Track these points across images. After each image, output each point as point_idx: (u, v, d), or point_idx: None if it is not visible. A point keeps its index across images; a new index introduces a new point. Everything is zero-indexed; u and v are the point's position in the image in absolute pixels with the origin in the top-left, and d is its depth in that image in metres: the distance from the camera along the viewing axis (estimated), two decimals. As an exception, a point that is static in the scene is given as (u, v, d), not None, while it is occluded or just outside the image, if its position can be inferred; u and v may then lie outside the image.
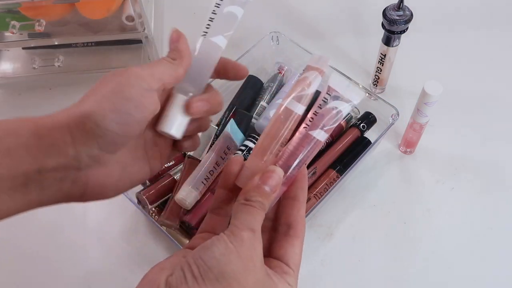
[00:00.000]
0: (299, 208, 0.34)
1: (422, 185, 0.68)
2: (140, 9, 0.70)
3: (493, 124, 0.73)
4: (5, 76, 0.80)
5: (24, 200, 0.30)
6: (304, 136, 0.34)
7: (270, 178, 0.32)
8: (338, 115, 0.34)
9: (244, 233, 0.29)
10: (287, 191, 0.34)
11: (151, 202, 0.61)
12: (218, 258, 0.28)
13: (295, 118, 0.34)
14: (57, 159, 0.30)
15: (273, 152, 0.34)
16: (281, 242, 0.33)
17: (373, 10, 0.78)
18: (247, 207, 0.31)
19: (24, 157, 0.29)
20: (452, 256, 0.62)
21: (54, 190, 0.31)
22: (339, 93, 0.34)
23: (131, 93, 0.31)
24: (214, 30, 0.38)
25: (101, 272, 0.62)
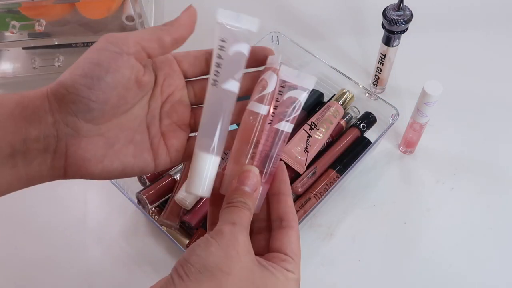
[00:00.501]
0: (285, 200, 0.34)
1: (422, 185, 0.68)
2: (140, 9, 0.70)
3: (493, 124, 0.73)
4: (5, 76, 0.80)
5: (12, 174, 0.30)
6: (270, 131, 0.35)
7: (246, 178, 0.33)
8: (297, 103, 0.35)
9: (224, 227, 0.30)
10: (271, 188, 0.35)
11: (151, 202, 0.61)
12: (198, 253, 0.29)
13: (262, 118, 0.35)
14: (38, 127, 0.30)
15: (249, 155, 0.35)
16: (276, 236, 0.34)
17: (373, 10, 0.78)
18: (229, 208, 0.32)
19: (10, 127, 0.30)
20: (452, 256, 0.62)
21: (38, 162, 0.31)
22: (292, 83, 0.35)
23: (100, 57, 0.30)
24: (224, 76, 0.35)
25: (101, 272, 0.62)
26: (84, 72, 0.30)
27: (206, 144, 0.34)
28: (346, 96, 0.68)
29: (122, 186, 0.61)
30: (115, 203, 0.67)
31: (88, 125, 0.31)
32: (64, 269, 0.63)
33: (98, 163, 0.32)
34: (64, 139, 0.31)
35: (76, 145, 0.31)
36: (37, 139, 0.30)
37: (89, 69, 0.30)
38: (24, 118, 0.30)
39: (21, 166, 0.30)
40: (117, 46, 0.31)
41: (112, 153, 0.33)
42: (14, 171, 0.30)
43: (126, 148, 0.34)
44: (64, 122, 0.31)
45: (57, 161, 0.31)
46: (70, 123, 0.31)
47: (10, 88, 0.81)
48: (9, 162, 0.30)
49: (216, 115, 0.35)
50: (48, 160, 0.31)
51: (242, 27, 0.36)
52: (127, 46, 0.31)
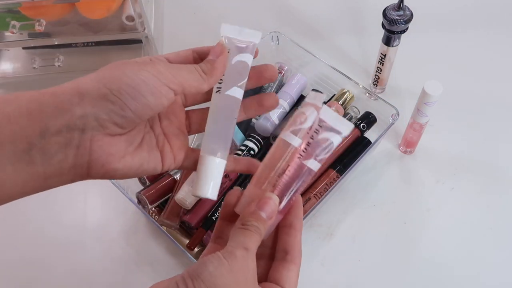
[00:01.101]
0: (295, 235, 0.35)
1: (422, 185, 0.68)
2: (140, 9, 0.70)
3: (493, 124, 0.73)
4: (5, 76, 0.80)
5: (29, 171, 0.30)
6: (298, 166, 0.36)
7: (266, 204, 0.34)
8: (330, 145, 0.36)
9: (238, 251, 0.31)
10: (284, 219, 0.36)
11: (151, 202, 0.61)
12: (211, 271, 0.30)
13: (292, 150, 0.36)
14: (61, 120, 0.30)
15: (271, 182, 0.36)
16: (278, 267, 0.35)
17: (373, 10, 0.78)
18: (242, 230, 0.33)
19: (26, 122, 0.29)
20: (452, 256, 0.62)
21: (59, 159, 0.30)
22: (329, 125, 0.36)
23: (149, 79, 0.32)
24: (228, 83, 0.37)
25: (101, 272, 0.62)
26: (133, 84, 0.31)
27: (212, 148, 0.36)
28: (346, 96, 0.68)
29: (122, 186, 0.61)
30: (115, 203, 0.67)
31: (114, 127, 0.32)
32: (64, 269, 0.63)
33: (120, 158, 0.33)
34: (89, 133, 0.31)
35: (101, 140, 0.31)
36: (58, 132, 0.30)
37: (137, 84, 0.31)
38: (43, 112, 0.30)
39: (39, 162, 0.30)
40: (165, 79, 0.33)
41: (132, 150, 0.34)
42: (30, 168, 0.29)
43: (141, 147, 0.35)
44: (94, 117, 0.31)
45: (80, 157, 0.31)
46: (101, 119, 0.31)
47: (10, 88, 0.81)
48: (25, 158, 0.29)
49: (221, 120, 0.37)
50: (70, 156, 0.31)
51: (245, 39, 0.38)
52: (174, 85, 0.33)
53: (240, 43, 0.38)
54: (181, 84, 0.34)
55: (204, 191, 0.36)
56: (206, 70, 0.35)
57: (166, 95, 0.33)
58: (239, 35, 0.38)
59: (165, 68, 0.33)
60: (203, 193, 0.36)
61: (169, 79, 0.33)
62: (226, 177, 0.62)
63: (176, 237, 0.61)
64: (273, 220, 0.34)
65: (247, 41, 0.38)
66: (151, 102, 0.32)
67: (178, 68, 0.34)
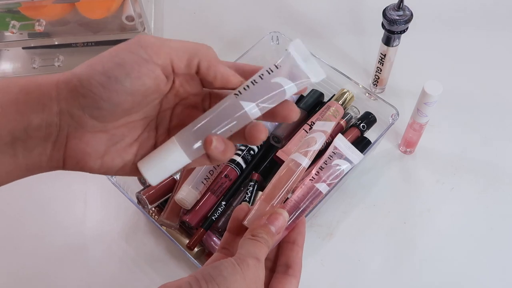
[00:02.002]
0: (297, 251, 0.37)
1: (422, 185, 0.68)
2: (140, 9, 0.70)
3: (493, 124, 0.73)
4: (5, 76, 0.80)
5: (12, 163, 0.30)
6: (309, 188, 0.39)
7: (276, 219, 0.36)
8: (340, 172, 0.39)
9: (250, 260, 0.32)
10: (288, 235, 0.38)
11: (151, 202, 0.61)
12: (225, 276, 0.31)
13: (301, 170, 0.38)
14: (41, 115, 0.29)
15: (280, 199, 0.38)
16: (279, 279, 0.36)
17: (373, 10, 0.78)
18: (253, 241, 0.34)
19: (13, 114, 0.29)
20: (452, 256, 0.62)
21: (39, 151, 0.30)
22: (342, 153, 0.40)
23: (125, 59, 0.29)
24: (250, 95, 0.32)
25: (101, 272, 0.62)
26: (104, 69, 0.29)
27: (189, 142, 0.32)
28: (346, 96, 0.68)
29: (122, 186, 0.61)
30: (115, 203, 0.67)
31: (93, 121, 0.30)
32: (65, 269, 0.63)
33: (97, 158, 0.31)
34: (65, 130, 0.30)
35: (78, 138, 0.30)
36: (38, 127, 0.29)
37: (110, 68, 0.29)
38: (28, 104, 0.29)
39: (20, 155, 0.30)
40: (146, 52, 0.29)
41: (114, 150, 0.32)
42: (14, 160, 0.30)
43: (129, 147, 0.32)
44: (69, 114, 0.29)
45: (56, 152, 0.30)
46: (75, 116, 0.29)
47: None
48: (9, 150, 0.29)
49: (218, 122, 0.32)
50: (48, 150, 0.30)
51: (304, 70, 0.33)
52: (157, 55, 0.30)
53: (296, 70, 0.33)
54: (168, 54, 0.30)
55: (150, 173, 0.32)
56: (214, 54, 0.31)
57: (148, 73, 0.29)
58: (302, 61, 0.33)
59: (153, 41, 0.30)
60: (145, 172, 0.32)
61: (154, 50, 0.29)
62: (226, 177, 0.62)
63: (176, 237, 0.61)
64: (280, 235, 0.36)
65: (304, 73, 0.33)
66: (127, 86, 0.29)
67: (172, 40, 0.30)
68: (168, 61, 0.30)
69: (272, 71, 0.33)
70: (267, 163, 0.64)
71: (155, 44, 0.30)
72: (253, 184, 0.62)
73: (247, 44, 0.71)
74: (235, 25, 0.85)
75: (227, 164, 0.62)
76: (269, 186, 0.39)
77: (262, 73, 0.33)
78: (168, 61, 0.30)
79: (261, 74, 0.33)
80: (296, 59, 0.33)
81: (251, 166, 0.64)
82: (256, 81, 0.32)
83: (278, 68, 0.33)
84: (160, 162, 0.32)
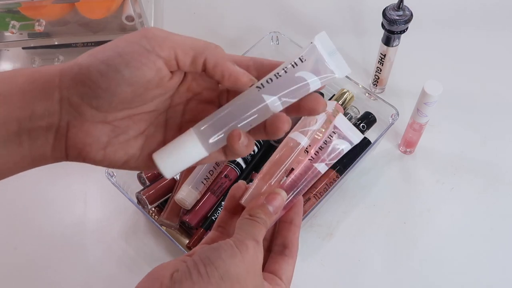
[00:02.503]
0: (294, 231, 0.37)
1: (422, 185, 0.68)
2: (140, 9, 0.70)
3: (493, 124, 0.73)
4: (5, 76, 0.80)
5: (19, 153, 0.30)
6: (308, 167, 0.38)
7: (274, 199, 0.35)
8: (340, 152, 0.39)
9: (249, 242, 0.32)
10: (285, 215, 0.37)
11: (151, 202, 0.61)
12: (224, 259, 0.30)
13: (300, 149, 0.37)
14: (45, 102, 0.29)
15: (278, 178, 0.37)
16: (276, 259, 0.36)
17: (373, 10, 0.78)
18: (251, 221, 0.33)
19: (18, 103, 0.29)
20: (452, 256, 0.62)
21: (42, 142, 0.30)
22: (343, 133, 0.38)
23: (126, 48, 0.28)
24: (273, 89, 0.31)
25: (100, 272, 0.62)
26: (104, 58, 0.28)
27: (207, 135, 0.31)
28: (346, 96, 0.68)
29: (122, 186, 0.61)
30: (115, 203, 0.67)
31: (92, 111, 0.29)
32: (64, 269, 0.63)
33: (99, 149, 0.30)
34: (66, 119, 0.29)
35: (78, 127, 0.29)
36: (42, 116, 0.29)
37: (110, 56, 0.28)
38: (33, 93, 0.29)
39: (26, 144, 0.30)
40: (149, 43, 0.29)
41: (117, 142, 0.31)
42: (20, 150, 0.30)
43: (134, 140, 0.32)
44: (68, 102, 0.29)
45: (58, 141, 0.30)
46: (74, 104, 0.29)
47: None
48: (16, 139, 0.29)
49: (239, 115, 0.31)
50: (51, 140, 0.30)
51: (329, 65, 0.32)
52: (160, 47, 0.29)
53: (322, 64, 0.32)
54: (172, 48, 0.29)
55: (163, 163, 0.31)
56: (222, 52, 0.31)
57: (149, 64, 0.28)
58: (327, 55, 0.32)
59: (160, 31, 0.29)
60: (160, 163, 0.31)
61: (158, 42, 0.29)
62: (226, 177, 0.62)
63: (176, 237, 0.61)
64: (278, 215, 0.36)
65: (329, 68, 0.32)
66: (126, 75, 0.28)
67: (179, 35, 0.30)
68: (172, 55, 0.29)
69: (297, 65, 0.32)
70: (267, 163, 0.64)
71: (160, 36, 0.29)
72: (253, 184, 0.62)
73: (247, 44, 0.71)
74: (235, 25, 0.85)
75: (227, 164, 0.62)
76: (266, 165, 0.38)
77: (286, 66, 0.32)
78: (172, 55, 0.29)
79: (285, 68, 0.32)
80: (322, 53, 0.32)
81: (251, 166, 0.64)
82: (279, 75, 0.31)
83: (302, 62, 0.32)
84: (176, 155, 0.31)
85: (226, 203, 0.38)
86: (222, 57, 0.31)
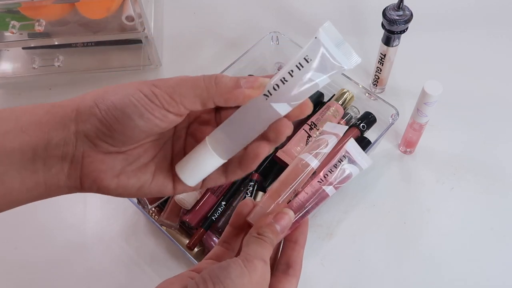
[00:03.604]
0: (298, 251, 0.37)
1: (422, 185, 0.68)
2: (140, 9, 0.70)
3: (493, 124, 0.73)
4: (5, 76, 0.80)
5: (32, 180, 0.31)
6: (317, 190, 0.39)
7: (282, 218, 0.36)
8: (348, 176, 0.39)
9: (257, 262, 0.32)
10: (290, 234, 0.38)
11: (151, 202, 0.61)
12: (233, 279, 0.31)
13: (310, 171, 0.38)
14: (61, 133, 0.31)
15: (286, 198, 0.37)
16: (279, 278, 0.36)
17: (373, 10, 0.78)
18: (259, 240, 0.34)
19: (36, 132, 0.30)
20: (452, 256, 0.62)
21: (57, 170, 0.31)
22: (353, 158, 0.39)
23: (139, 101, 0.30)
24: (281, 95, 0.31)
25: (100, 272, 0.62)
26: (119, 104, 0.30)
27: (221, 143, 0.32)
28: (346, 96, 0.68)
29: (122, 186, 0.61)
30: (115, 203, 0.67)
31: (107, 145, 0.31)
32: (64, 269, 0.63)
33: (113, 177, 0.32)
34: (81, 149, 0.31)
35: (93, 156, 0.31)
36: (57, 145, 0.31)
37: (125, 104, 0.30)
38: (50, 124, 0.31)
39: (40, 171, 0.31)
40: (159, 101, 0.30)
41: (130, 170, 0.33)
42: (34, 177, 0.31)
43: (146, 166, 0.33)
44: (84, 134, 0.31)
45: (73, 170, 0.31)
46: (90, 137, 0.31)
47: (10, 88, 0.81)
48: (30, 166, 0.30)
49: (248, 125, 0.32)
50: (65, 168, 0.31)
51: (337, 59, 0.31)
52: (169, 105, 0.30)
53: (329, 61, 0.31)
54: (182, 103, 0.31)
55: (188, 178, 0.33)
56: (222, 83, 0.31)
57: (162, 118, 0.31)
58: (334, 49, 0.31)
59: (163, 84, 0.31)
60: (186, 179, 0.33)
61: (166, 100, 0.30)
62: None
63: (176, 237, 0.61)
64: (285, 234, 0.36)
65: (337, 65, 0.31)
66: (141, 125, 0.30)
67: (178, 83, 0.31)
68: (182, 108, 0.31)
69: (302, 66, 0.30)
70: (267, 163, 0.64)
71: (167, 93, 0.30)
72: (253, 184, 0.62)
73: (247, 44, 0.71)
74: (235, 25, 0.85)
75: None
76: (275, 184, 0.38)
77: (292, 69, 0.31)
78: (182, 108, 0.31)
79: (291, 71, 0.31)
80: (328, 47, 0.31)
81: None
82: (286, 80, 0.31)
83: (308, 62, 0.30)
84: (193, 164, 0.33)
85: (233, 219, 0.38)
86: (228, 90, 0.31)
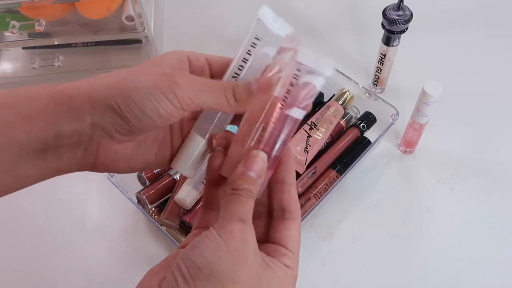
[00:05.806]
0: (289, 191, 0.33)
1: (422, 185, 0.68)
2: (140, 9, 0.70)
3: (493, 124, 0.73)
4: (5, 76, 0.80)
5: (42, 166, 0.31)
6: (281, 117, 0.32)
7: (253, 163, 0.31)
8: (312, 89, 0.32)
9: (234, 225, 0.29)
10: (275, 174, 0.33)
11: (151, 202, 0.61)
12: (207, 257, 0.27)
13: (273, 100, 0.32)
14: (76, 124, 0.30)
15: (255, 138, 0.32)
16: (277, 227, 0.33)
17: (373, 10, 0.78)
18: (234, 197, 0.30)
19: (42, 122, 0.30)
20: (452, 256, 0.62)
21: (68, 157, 0.31)
22: (309, 67, 0.32)
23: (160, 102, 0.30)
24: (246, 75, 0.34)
25: (100, 272, 0.62)
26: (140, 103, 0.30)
27: (203, 128, 0.35)
28: (346, 96, 0.68)
29: (122, 186, 0.61)
30: (115, 203, 0.67)
31: (120, 135, 0.32)
32: (64, 269, 0.63)
33: (125, 162, 0.34)
34: (97, 139, 0.31)
35: (108, 147, 0.32)
36: (71, 136, 0.30)
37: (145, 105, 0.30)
38: (58, 115, 0.30)
39: (51, 159, 0.31)
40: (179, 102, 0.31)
41: (139, 153, 0.34)
42: (44, 164, 0.31)
43: (151, 148, 0.35)
44: (101, 127, 0.31)
45: (86, 158, 0.32)
46: (107, 130, 0.31)
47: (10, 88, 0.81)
48: (40, 156, 0.30)
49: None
50: (78, 155, 0.32)
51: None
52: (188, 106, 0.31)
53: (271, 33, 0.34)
54: (199, 106, 0.32)
55: (182, 168, 0.35)
56: (239, 96, 0.32)
57: (178, 116, 0.31)
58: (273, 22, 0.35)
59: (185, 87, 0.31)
60: (181, 169, 0.35)
61: (186, 102, 0.31)
62: (226, 177, 0.62)
63: (176, 237, 0.61)
64: (263, 178, 0.32)
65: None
66: (157, 122, 0.31)
67: (201, 90, 0.31)
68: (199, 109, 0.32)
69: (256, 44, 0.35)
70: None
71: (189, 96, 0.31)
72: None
73: (247, 44, 0.71)
74: (235, 25, 0.85)
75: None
76: (240, 127, 0.33)
77: (248, 49, 0.34)
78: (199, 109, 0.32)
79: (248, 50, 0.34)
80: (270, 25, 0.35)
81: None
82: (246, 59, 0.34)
83: (260, 40, 0.34)
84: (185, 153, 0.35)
85: (207, 176, 0.34)
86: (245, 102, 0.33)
